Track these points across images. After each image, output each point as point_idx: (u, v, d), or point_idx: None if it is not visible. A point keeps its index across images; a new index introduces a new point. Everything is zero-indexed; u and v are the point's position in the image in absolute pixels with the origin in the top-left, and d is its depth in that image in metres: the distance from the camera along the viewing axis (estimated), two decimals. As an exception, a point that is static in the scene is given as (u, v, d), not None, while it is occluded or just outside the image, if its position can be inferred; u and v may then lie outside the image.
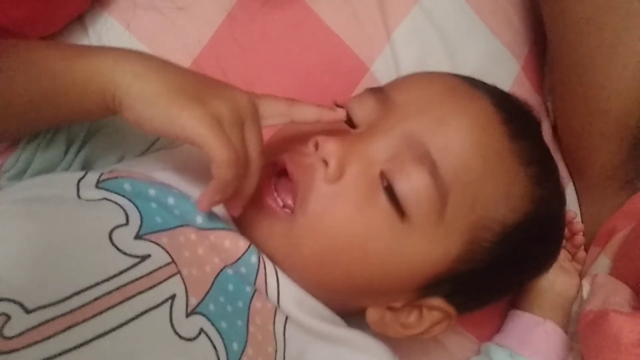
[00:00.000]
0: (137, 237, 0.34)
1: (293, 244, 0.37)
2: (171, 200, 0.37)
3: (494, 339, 0.52)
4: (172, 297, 0.33)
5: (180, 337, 0.33)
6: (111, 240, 0.33)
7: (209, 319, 0.34)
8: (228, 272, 0.36)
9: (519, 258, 0.41)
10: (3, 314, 0.29)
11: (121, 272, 0.32)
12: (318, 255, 0.37)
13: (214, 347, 0.34)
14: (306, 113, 0.37)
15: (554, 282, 0.51)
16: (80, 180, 0.37)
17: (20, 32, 0.41)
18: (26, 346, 0.28)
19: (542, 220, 0.40)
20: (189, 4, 0.51)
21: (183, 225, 0.36)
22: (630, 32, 0.48)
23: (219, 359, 0.34)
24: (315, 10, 0.54)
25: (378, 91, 0.41)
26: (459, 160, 0.37)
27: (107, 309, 0.31)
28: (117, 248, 0.33)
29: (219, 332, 0.34)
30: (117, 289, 0.32)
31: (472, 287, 0.40)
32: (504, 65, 0.58)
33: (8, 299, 0.29)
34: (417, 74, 0.44)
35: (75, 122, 0.40)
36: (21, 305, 0.29)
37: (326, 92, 0.52)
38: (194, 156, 0.41)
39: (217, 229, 0.37)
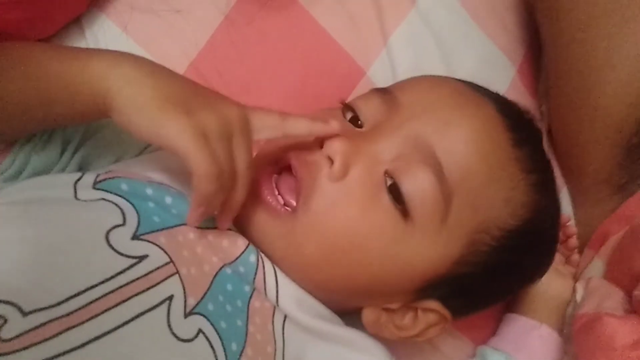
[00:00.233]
0: (135, 238, 0.34)
1: (293, 243, 0.37)
2: (169, 199, 0.37)
3: (489, 343, 0.53)
4: (169, 298, 0.33)
5: (178, 338, 0.33)
6: (108, 242, 0.33)
7: (208, 319, 0.34)
8: (227, 271, 0.36)
9: (515, 264, 0.41)
10: (0, 316, 0.29)
11: (118, 274, 0.32)
12: (319, 254, 0.37)
13: (212, 347, 0.34)
14: (299, 127, 0.37)
15: (548, 286, 0.51)
16: (77, 182, 0.37)
17: (17, 34, 0.41)
18: (23, 348, 0.28)
19: (539, 228, 0.41)
20: (186, 7, 0.51)
21: (181, 225, 0.36)
22: (625, 37, 0.48)
23: (217, 359, 0.34)
24: (312, 14, 0.54)
25: (384, 91, 0.41)
26: (464, 164, 0.37)
27: (104, 311, 0.31)
28: (113, 249, 0.33)
29: (217, 333, 0.34)
30: (113, 291, 0.32)
31: (468, 291, 0.40)
32: (499, 69, 0.58)
33: (5, 302, 0.29)
34: (422, 76, 0.44)
35: (69, 124, 0.40)
36: (18, 308, 0.29)
37: (322, 96, 0.52)
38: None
39: (215, 227, 0.37)
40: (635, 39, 0.48)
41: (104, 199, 0.36)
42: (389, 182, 0.37)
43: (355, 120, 0.41)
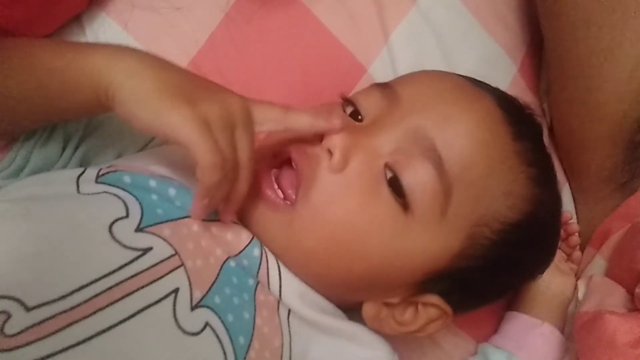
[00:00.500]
0: (138, 230, 0.34)
1: (293, 236, 0.37)
2: (172, 191, 0.37)
3: (490, 340, 0.53)
4: (175, 291, 0.33)
5: (184, 331, 0.32)
6: (111, 234, 0.33)
7: (215, 312, 0.34)
8: (231, 264, 0.36)
9: (516, 258, 0.41)
10: (3, 312, 0.29)
11: (122, 267, 0.32)
12: (319, 247, 0.37)
13: (220, 341, 0.33)
14: (300, 121, 0.37)
15: (550, 283, 0.51)
16: (79, 177, 0.37)
17: (17, 32, 0.41)
18: (27, 344, 0.28)
19: (540, 222, 0.41)
20: (187, 4, 0.51)
21: (185, 217, 0.36)
22: (626, 34, 0.48)
23: (224, 353, 0.33)
24: (313, 11, 0.54)
25: (384, 86, 0.41)
26: (464, 157, 0.37)
27: (108, 304, 0.31)
28: (117, 241, 0.33)
29: (224, 326, 0.34)
30: (118, 284, 0.31)
31: (469, 286, 0.40)
32: (500, 66, 0.58)
33: (8, 297, 0.29)
34: (423, 71, 0.44)
35: (71, 118, 0.40)
36: (21, 303, 0.29)
37: (323, 94, 0.52)
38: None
39: (218, 220, 0.37)
40: (636, 36, 0.48)
41: (106, 192, 0.36)
42: (389, 175, 0.37)
43: (355, 115, 0.41)
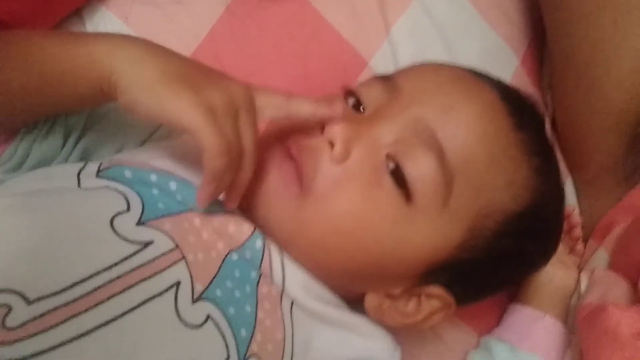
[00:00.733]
0: (139, 224, 0.34)
1: (299, 225, 0.37)
2: (173, 185, 0.37)
3: (493, 333, 0.52)
4: (176, 284, 0.33)
5: (186, 324, 0.32)
6: (112, 228, 0.33)
7: (217, 305, 0.34)
8: (233, 257, 0.36)
9: (519, 249, 0.41)
10: (4, 305, 0.29)
11: (123, 260, 0.32)
12: (323, 236, 0.37)
13: (221, 333, 0.34)
14: (302, 108, 0.37)
15: (552, 276, 0.51)
16: (80, 171, 0.37)
17: (17, 26, 0.41)
18: (29, 337, 0.28)
19: (542, 212, 0.41)
20: (188, -2, 0.51)
21: (186, 211, 0.36)
22: (631, 26, 0.48)
23: (226, 345, 0.33)
24: (314, 4, 0.54)
25: (386, 78, 0.41)
26: (466, 148, 0.37)
27: (109, 297, 0.31)
28: (118, 235, 0.33)
29: (226, 318, 0.34)
30: (119, 277, 0.31)
31: (471, 277, 0.40)
32: (502, 59, 0.58)
33: (9, 290, 0.29)
34: (424, 63, 0.44)
35: (73, 109, 0.40)
36: (22, 296, 0.29)
37: (324, 87, 0.52)
38: (193, 146, 0.41)
39: (220, 213, 0.37)
40: (640, 27, 0.48)
41: (107, 187, 0.36)
42: (391, 166, 0.37)
43: (357, 106, 0.40)
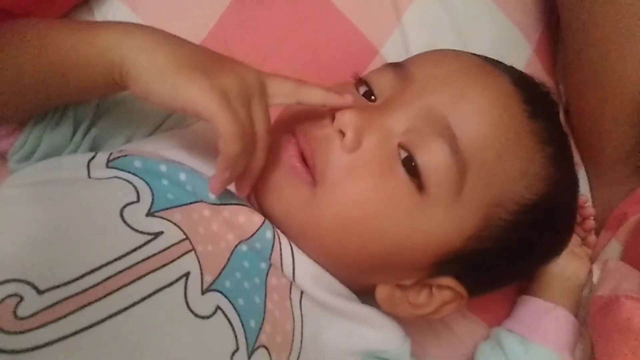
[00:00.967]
0: (149, 214, 0.34)
1: (310, 215, 0.37)
2: (183, 176, 0.36)
3: (504, 325, 0.52)
4: (186, 275, 0.33)
5: (195, 315, 0.32)
6: (122, 218, 0.33)
7: (226, 296, 0.34)
8: (243, 248, 0.36)
9: (532, 240, 0.40)
10: (16, 294, 0.29)
11: (133, 250, 0.32)
12: (334, 227, 0.36)
13: (230, 324, 0.34)
14: (313, 95, 0.37)
15: (564, 267, 0.51)
16: (90, 161, 0.37)
17: (26, 15, 0.40)
18: (40, 326, 0.28)
19: (556, 202, 0.40)
20: (196, -14, 0.50)
21: (196, 202, 0.36)
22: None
23: (235, 336, 0.34)
24: (324, -8, 0.53)
25: (397, 66, 0.41)
26: (479, 137, 0.37)
27: (119, 288, 0.31)
28: (128, 225, 0.33)
29: (235, 309, 0.34)
30: (129, 268, 0.32)
31: (483, 268, 0.40)
32: (515, 47, 0.57)
33: (20, 280, 0.29)
34: (436, 50, 0.43)
35: (83, 98, 0.40)
36: (33, 286, 0.29)
37: (335, 76, 0.51)
38: (202, 136, 0.41)
39: (230, 204, 0.36)
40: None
41: (117, 177, 0.36)
42: (403, 155, 0.36)
43: (368, 95, 0.40)
